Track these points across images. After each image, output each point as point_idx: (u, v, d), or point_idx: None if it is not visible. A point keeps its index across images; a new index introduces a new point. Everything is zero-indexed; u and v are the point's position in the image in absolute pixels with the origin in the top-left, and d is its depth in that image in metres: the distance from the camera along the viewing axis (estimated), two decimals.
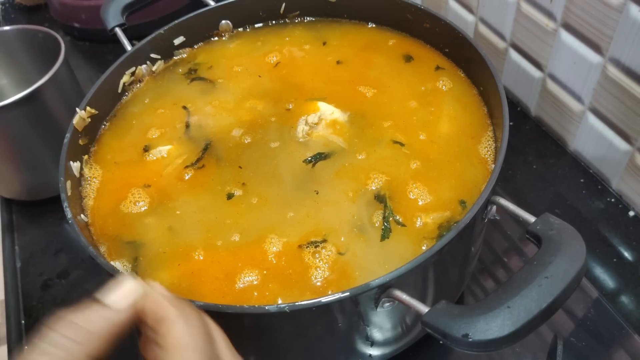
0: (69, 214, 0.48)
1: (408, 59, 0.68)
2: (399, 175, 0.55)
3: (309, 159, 0.57)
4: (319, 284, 0.47)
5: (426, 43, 0.69)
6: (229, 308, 0.41)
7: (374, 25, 0.73)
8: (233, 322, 0.43)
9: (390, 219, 0.51)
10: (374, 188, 0.54)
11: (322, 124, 0.61)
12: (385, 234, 0.50)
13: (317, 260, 0.49)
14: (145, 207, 0.55)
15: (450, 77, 0.64)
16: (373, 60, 0.68)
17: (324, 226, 0.51)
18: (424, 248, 0.49)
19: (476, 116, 0.60)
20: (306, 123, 0.60)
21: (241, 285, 0.48)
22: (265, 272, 0.49)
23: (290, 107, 0.64)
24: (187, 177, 0.58)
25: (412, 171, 0.55)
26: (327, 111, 0.62)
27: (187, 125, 0.63)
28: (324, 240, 0.50)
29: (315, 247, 0.50)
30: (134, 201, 0.56)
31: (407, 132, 0.59)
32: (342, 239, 0.50)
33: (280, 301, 0.46)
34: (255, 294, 0.47)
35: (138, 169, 0.59)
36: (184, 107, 0.65)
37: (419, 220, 0.51)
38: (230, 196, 0.55)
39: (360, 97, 0.64)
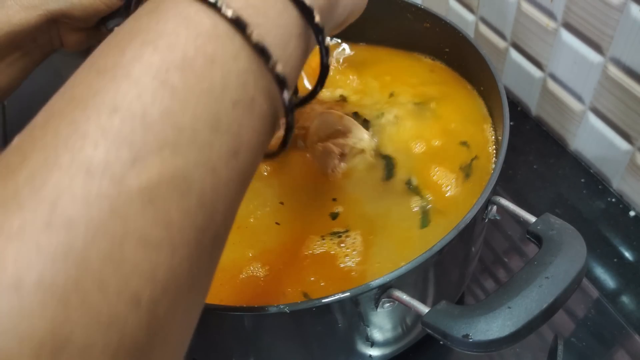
0: None
1: (407, 58, 0.67)
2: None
3: None
4: (345, 270, 0.48)
5: (426, 43, 0.69)
6: (229, 308, 0.41)
7: (373, 25, 0.73)
8: (233, 322, 0.43)
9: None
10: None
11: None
12: (424, 222, 0.51)
13: (344, 249, 0.49)
14: None
15: (450, 77, 0.64)
16: (372, 59, 0.68)
17: (351, 220, 0.52)
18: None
19: (476, 116, 0.59)
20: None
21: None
22: (280, 266, 0.49)
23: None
24: None
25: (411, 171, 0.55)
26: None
27: None
28: (347, 230, 0.50)
29: (339, 237, 0.50)
30: None
31: (406, 133, 0.59)
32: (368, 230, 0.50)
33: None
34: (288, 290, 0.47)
35: None
36: None
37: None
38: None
39: (361, 97, 0.63)
